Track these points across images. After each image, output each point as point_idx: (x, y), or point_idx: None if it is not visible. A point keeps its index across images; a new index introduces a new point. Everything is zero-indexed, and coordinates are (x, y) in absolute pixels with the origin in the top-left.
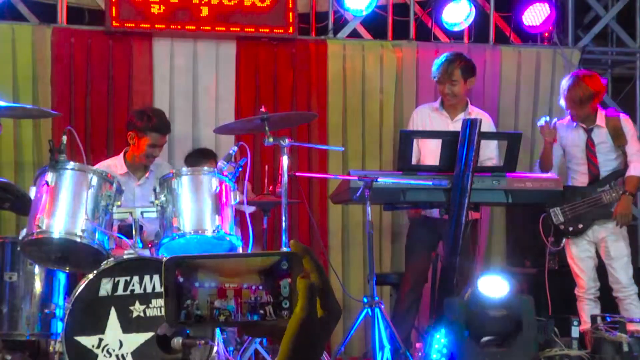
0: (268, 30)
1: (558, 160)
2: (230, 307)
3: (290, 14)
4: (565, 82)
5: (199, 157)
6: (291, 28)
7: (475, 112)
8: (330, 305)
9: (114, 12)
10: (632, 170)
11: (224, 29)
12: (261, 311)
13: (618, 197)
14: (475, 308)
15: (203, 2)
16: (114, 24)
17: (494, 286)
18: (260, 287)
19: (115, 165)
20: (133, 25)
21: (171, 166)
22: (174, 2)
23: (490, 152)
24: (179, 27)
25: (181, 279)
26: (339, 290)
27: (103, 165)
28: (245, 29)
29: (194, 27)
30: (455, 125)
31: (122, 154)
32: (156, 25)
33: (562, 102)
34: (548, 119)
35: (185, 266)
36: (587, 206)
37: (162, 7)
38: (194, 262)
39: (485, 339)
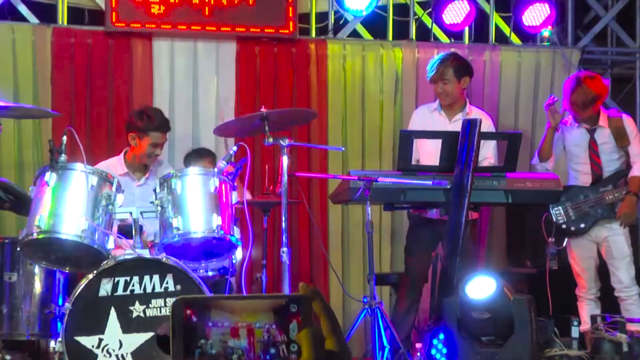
0: (268, 30)
1: (559, 153)
2: (243, 346)
3: (290, 14)
4: (567, 85)
5: (197, 156)
6: (291, 28)
7: (474, 112)
8: (340, 348)
9: (113, 12)
10: (636, 171)
11: (223, 28)
12: (273, 350)
13: (621, 197)
14: (462, 310)
15: (203, 1)
16: (114, 24)
17: (479, 288)
18: (274, 326)
19: (115, 165)
20: (133, 25)
21: (171, 166)
22: (174, 2)
23: (486, 152)
24: (179, 27)
25: (195, 319)
26: (338, 290)
27: (103, 166)
28: (245, 29)
29: (193, 27)
30: (453, 125)
31: (122, 154)
32: (156, 25)
33: (566, 105)
34: (557, 100)
35: (198, 305)
36: (589, 206)
37: (162, 7)
38: (206, 301)
39: (483, 339)
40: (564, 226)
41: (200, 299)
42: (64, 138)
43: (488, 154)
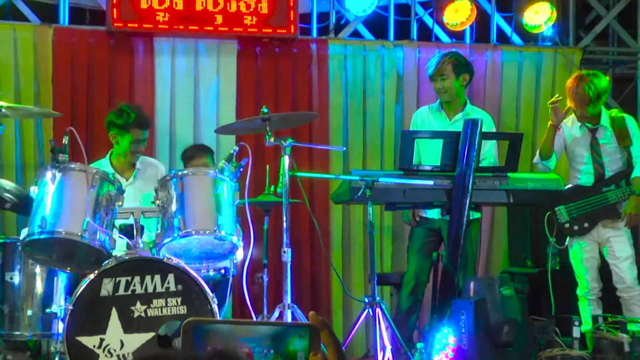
0: (269, 30)
1: (560, 152)
2: None
3: (292, 14)
4: (571, 83)
5: (195, 151)
6: (292, 28)
7: (474, 112)
8: None
9: (115, 12)
10: (639, 171)
11: (225, 28)
12: None
13: (624, 197)
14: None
15: (204, 1)
16: (115, 24)
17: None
18: (272, 351)
19: (102, 167)
20: (134, 25)
21: (160, 163)
22: (175, 2)
23: (488, 152)
24: (180, 27)
25: (195, 341)
26: (339, 290)
27: None
28: (247, 29)
29: (195, 27)
30: (453, 125)
31: (107, 156)
32: (157, 25)
33: (569, 104)
34: (561, 98)
35: (200, 328)
36: (592, 206)
37: (163, 7)
38: (208, 325)
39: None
40: (566, 225)
41: (204, 322)
42: (66, 138)
43: (486, 152)
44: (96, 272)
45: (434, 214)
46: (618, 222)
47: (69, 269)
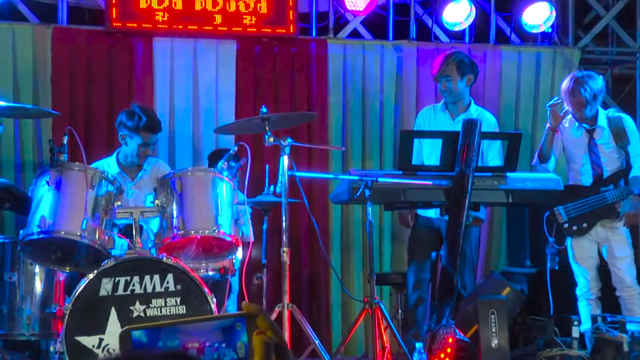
0: (268, 30)
1: (559, 154)
2: None
3: (291, 13)
4: (566, 86)
5: (216, 157)
6: (292, 28)
7: (477, 112)
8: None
9: (114, 12)
10: (637, 171)
11: (224, 28)
12: None
13: (622, 196)
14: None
15: (203, 1)
16: (114, 23)
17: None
18: (224, 345)
19: (108, 165)
20: (133, 24)
21: (167, 165)
22: (174, 1)
23: (493, 152)
24: (179, 26)
25: (145, 339)
26: (339, 290)
27: (96, 166)
28: (246, 29)
29: (194, 27)
30: (456, 125)
31: (114, 154)
32: (156, 25)
33: (566, 107)
34: (560, 101)
35: (150, 326)
36: (591, 206)
37: (162, 6)
38: (155, 324)
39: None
40: (565, 225)
41: (147, 326)
42: (65, 138)
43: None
44: (95, 272)
45: (431, 213)
46: (617, 222)
47: (68, 268)
